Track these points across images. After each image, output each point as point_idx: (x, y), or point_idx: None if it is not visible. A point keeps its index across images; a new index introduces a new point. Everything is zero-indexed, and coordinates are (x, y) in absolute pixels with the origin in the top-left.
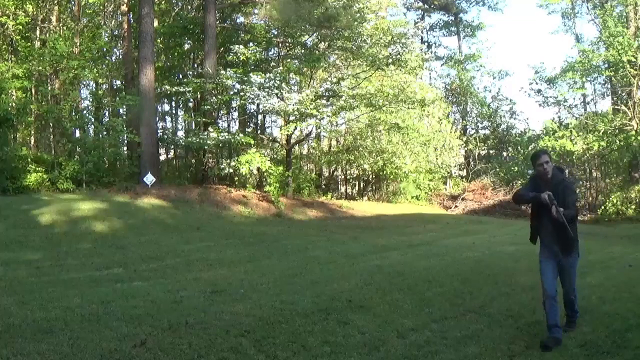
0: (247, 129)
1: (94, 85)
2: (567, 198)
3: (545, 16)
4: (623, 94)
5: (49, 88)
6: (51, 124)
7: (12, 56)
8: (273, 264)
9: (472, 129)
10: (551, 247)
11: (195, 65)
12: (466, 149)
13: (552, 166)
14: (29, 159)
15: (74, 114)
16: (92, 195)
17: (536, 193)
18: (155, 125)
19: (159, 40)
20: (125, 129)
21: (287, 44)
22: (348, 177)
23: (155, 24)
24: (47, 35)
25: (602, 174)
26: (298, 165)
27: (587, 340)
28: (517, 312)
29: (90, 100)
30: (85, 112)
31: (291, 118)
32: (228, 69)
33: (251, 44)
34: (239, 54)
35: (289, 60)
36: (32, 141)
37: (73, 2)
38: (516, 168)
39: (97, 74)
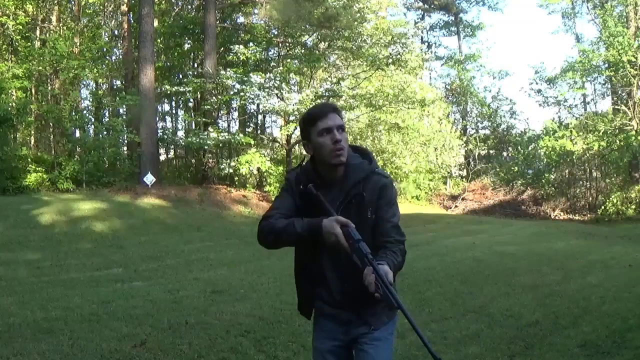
0: (247, 129)
1: (94, 85)
2: (385, 215)
3: (545, 16)
4: (623, 94)
5: (49, 88)
6: (51, 124)
7: (12, 56)
8: (273, 264)
9: (472, 129)
10: (339, 317)
11: (195, 65)
12: (466, 149)
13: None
14: (29, 159)
15: (74, 114)
16: (92, 195)
17: (312, 221)
18: (155, 125)
19: (159, 40)
20: (125, 129)
21: (287, 44)
22: None
23: (155, 24)
24: (47, 35)
25: (602, 174)
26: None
27: (587, 340)
28: (517, 312)
29: (90, 100)
30: (85, 112)
31: (291, 118)
32: (228, 69)
33: (251, 44)
34: (239, 54)
35: (289, 60)
36: (32, 141)
37: (73, 2)
38: (516, 168)
39: (97, 74)
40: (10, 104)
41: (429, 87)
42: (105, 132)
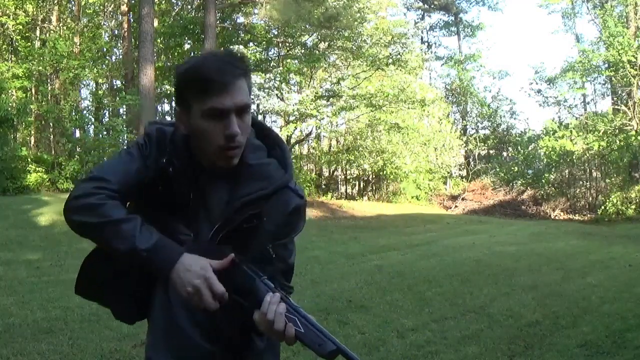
0: None
1: (94, 85)
2: (280, 252)
3: (545, 16)
4: (623, 94)
5: (49, 88)
6: (51, 124)
7: (12, 56)
8: None
9: (472, 129)
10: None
11: None
12: (466, 149)
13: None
14: (29, 159)
15: (74, 114)
16: None
17: (165, 246)
18: None
19: (159, 40)
20: (125, 129)
21: (287, 44)
22: (348, 177)
23: (155, 24)
24: (47, 35)
25: (602, 174)
26: (298, 165)
27: (587, 340)
28: (517, 312)
29: (90, 100)
30: (85, 112)
31: (291, 118)
32: None
33: (251, 44)
34: None
35: (289, 60)
36: (32, 141)
37: (73, 2)
38: (516, 168)
39: (97, 74)
40: (10, 104)
41: (429, 87)
42: (105, 132)
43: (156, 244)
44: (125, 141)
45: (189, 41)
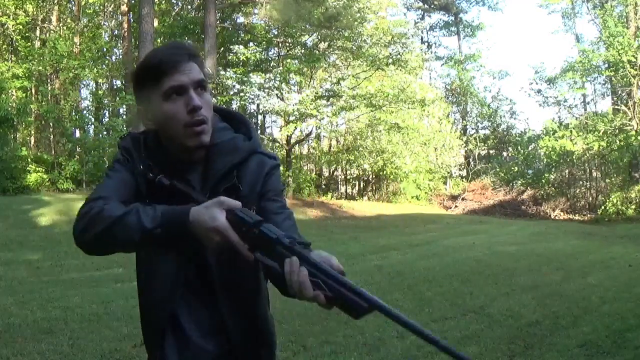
0: None
1: (94, 85)
2: (273, 208)
3: (545, 16)
4: (623, 94)
5: (49, 88)
6: (51, 124)
7: (12, 56)
8: None
9: (472, 129)
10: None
11: None
12: (466, 149)
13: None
14: (29, 159)
15: (74, 114)
16: None
17: (172, 211)
18: None
19: (159, 40)
20: (125, 129)
21: (287, 44)
22: (348, 177)
23: (155, 24)
24: (47, 35)
25: (602, 174)
26: (298, 165)
27: (587, 340)
28: (517, 312)
29: (90, 100)
30: (85, 112)
31: (291, 118)
32: (228, 69)
33: (251, 44)
34: (239, 54)
35: (289, 60)
36: (32, 141)
37: (73, 2)
38: (516, 168)
39: (97, 74)
40: (10, 104)
41: (429, 87)
42: (105, 132)
43: (162, 215)
44: None
45: (189, 41)
